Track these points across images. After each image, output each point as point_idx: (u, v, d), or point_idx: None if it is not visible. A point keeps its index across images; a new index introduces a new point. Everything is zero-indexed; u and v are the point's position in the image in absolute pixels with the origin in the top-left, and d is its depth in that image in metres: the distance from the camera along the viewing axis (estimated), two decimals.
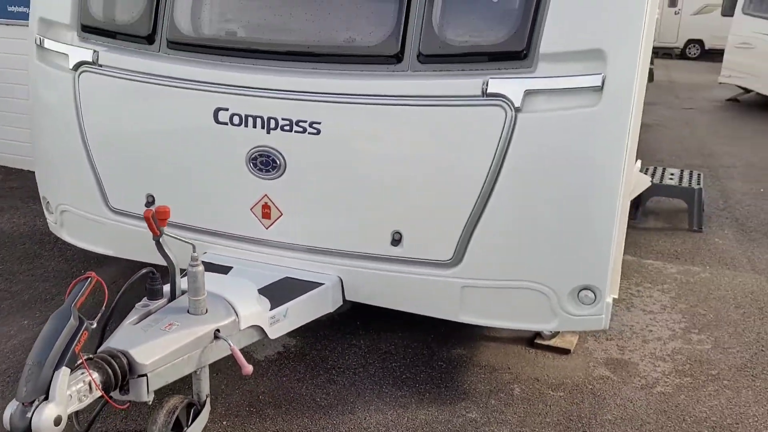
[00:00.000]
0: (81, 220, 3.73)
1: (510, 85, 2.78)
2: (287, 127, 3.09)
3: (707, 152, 8.58)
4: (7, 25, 6.05)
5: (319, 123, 3.04)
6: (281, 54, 3.13)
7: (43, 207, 4.00)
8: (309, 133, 3.06)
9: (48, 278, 4.32)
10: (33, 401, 2.08)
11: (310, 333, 3.71)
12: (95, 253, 4.13)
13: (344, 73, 3.01)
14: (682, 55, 24.28)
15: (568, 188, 2.83)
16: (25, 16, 5.88)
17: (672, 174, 6.05)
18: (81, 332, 2.20)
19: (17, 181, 6.14)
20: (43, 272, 4.40)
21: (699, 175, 6.04)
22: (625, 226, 3.32)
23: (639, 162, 5.34)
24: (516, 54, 2.79)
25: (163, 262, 2.78)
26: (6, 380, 3.24)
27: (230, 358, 2.84)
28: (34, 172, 5.97)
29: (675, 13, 25.04)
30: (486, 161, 2.85)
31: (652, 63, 17.13)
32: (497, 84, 2.79)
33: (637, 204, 5.81)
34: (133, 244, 3.55)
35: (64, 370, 2.13)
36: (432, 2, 2.88)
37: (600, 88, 2.71)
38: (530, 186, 2.86)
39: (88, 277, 2.33)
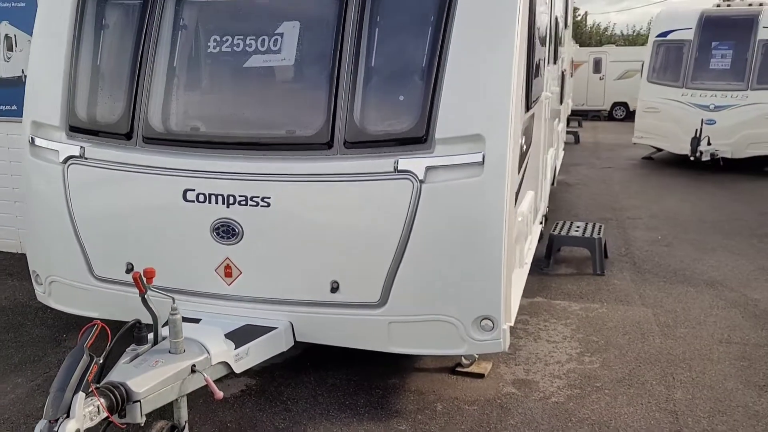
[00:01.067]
0: (68, 288, 4.39)
1: (415, 163, 3.63)
2: (243, 202, 3.87)
3: (618, 206, 9.66)
4: None
5: (269, 198, 3.83)
6: (236, 144, 3.93)
7: (33, 279, 4.64)
8: (261, 206, 3.85)
9: (34, 343, 4.91)
10: (57, 419, 2.74)
11: (267, 373, 4.40)
12: (73, 320, 4.80)
13: (287, 157, 3.82)
14: (610, 117, 26.20)
15: (464, 240, 3.67)
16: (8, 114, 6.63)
17: (578, 226, 7.00)
18: (92, 366, 2.87)
19: None
20: (28, 338, 4.99)
21: (600, 226, 7.01)
22: (516, 266, 4.18)
23: (540, 213, 6.28)
24: (418, 139, 3.66)
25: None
26: (9, 427, 3.82)
27: (202, 395, 3.53)
28: (4, 252, 6.60)
29: (600, 79, 27.14)
30: (400, 222, 3.67)
31: (580, 125, 18.77)
32: (405, 162, 3.64)
33: (548, 254, 6.73)
34: (115, 305, 4.22)
35: (81, 395, 2.79)
36: (353, 101, 3.75)
37: (482, 163, 3.58)
38: (436, 239, 3.68)
39: (95, 324, 3.02)
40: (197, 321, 3.92)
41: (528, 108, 4.46)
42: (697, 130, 12.30)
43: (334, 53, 3.81)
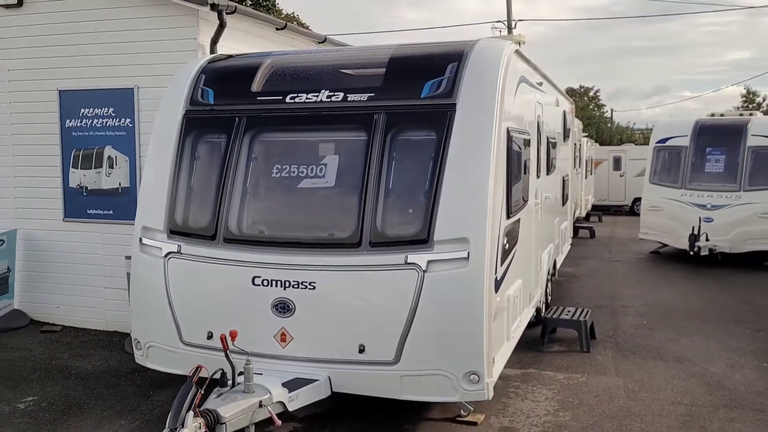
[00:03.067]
0: (162, 351, 5.82)
1: (420, 258, 5.06)
2: (296, 286, 5.31)
3: (615, 296, 10.88)
4: (86, 222, 8.38)
5: (315, 282, 5.27)
6: (291, 244, 5.43)
7: (133, 345, 6.08)
8: (309, 289, 5.29)
9: (128, 397, 6.30)
10: (176, 428, 4.11)
11: (310, 420, 5.71)
12: (156, 381, 6.18)
13: (328, 253, 5.29)
14: (632, 212, 27.38)
15: (455, 314, 5.04)
16: (98, 217, 8.27)
17: (569, 311, 8.26)
18: (197, 394, 4.27)
19: (86, 336, 8.22)
20: (124, 394, 6.39)
21: (588, 311, 8.26)
22: (504, 339, 5.52)
23: (536, 299, 7.57)
24: (422, 240, 5.11)
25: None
26: None
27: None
28: (95, 330, 8.07)
29: (620, 176, 28.68)
30: (408, 301, 5.06)
31: (600, 220, 20.25)
32: (413, 257, 5.08)
33: (543, 334, 7.99)
34: (197, 363, 5.61)
35: (191, 413, 4.17)
36: (376, 213, 5.24)
37: (467, 258, 5.00)
38: (435, 314, 5.05)
39: (199, 367, 4.43)
40: (260, 374, 5.29)
41: (509, 215, 5.89)
42: (694, 227, 13.55)
43: (362, 179, 5.36)
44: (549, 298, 9.74)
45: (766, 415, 5.88)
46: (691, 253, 13.49)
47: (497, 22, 30.80)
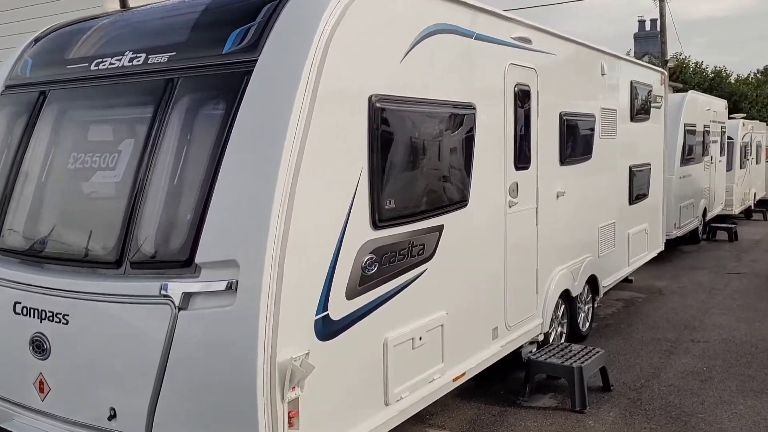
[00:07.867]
0: None
1: (175, 288, 3.42)
2: (51, 318, 3.89)
3: (694, 325, 8.19)
4: None
5: (68, 315, 3.81)
6: (57, 259, 4.01)
7: None
8: (62, 323, 3.84)
9: None
10: None
11: None
12: None
13: (83, 275, 3.81)
14: None
15: (216, 376, 3.33)
16: None
17: (571, 351, 6.00)
18: None
19: None
20: None
21: (598, 353, 5.93)
22: (364, 402, 3.80)
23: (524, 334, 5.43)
24: (184, 262, 3.45)
25: None
26: None
27: None
28: None
29: None
30: (157, 351, 3.43)
31: (765, 218, 16.52)
32: (170, 287, 3.44)
33: (526, 382, 5.86)
34: None
35: None
36: (141, 223, 3.67)
37: (233, 290, 3.27)
38: (190, 373, 3.39)
39: None
40: None
41: (378, 225, 4.00)
42: None
43: (135, 174, 3.82)
44: (587, 325, 7.48)
45: None
46: None
47: None
